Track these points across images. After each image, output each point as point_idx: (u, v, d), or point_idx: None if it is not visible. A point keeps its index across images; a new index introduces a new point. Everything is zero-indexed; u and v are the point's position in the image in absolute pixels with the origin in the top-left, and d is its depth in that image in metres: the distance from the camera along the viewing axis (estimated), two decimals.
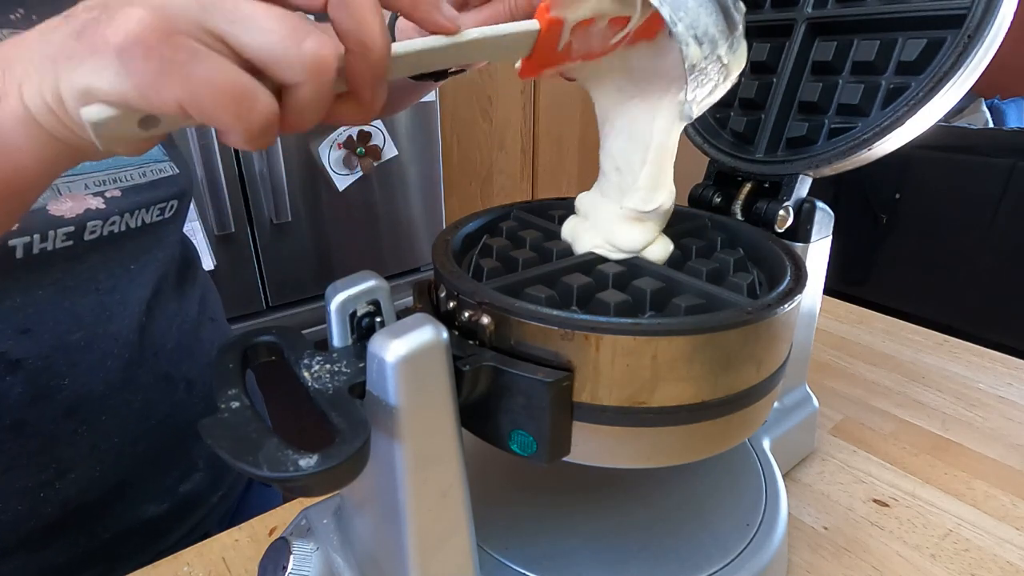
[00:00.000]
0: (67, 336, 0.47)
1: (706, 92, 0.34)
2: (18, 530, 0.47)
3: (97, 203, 0.47)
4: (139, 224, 0.51)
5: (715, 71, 0.34)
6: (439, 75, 0.48)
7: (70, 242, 0.46)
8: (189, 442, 0.57)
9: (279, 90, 0.24)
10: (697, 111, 0.34)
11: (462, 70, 0.49)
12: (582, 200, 0.40)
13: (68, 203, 0.46)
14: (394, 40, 0.27)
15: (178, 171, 0.55)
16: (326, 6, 0.25)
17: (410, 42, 0.28)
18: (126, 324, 0.51)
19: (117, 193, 0.49)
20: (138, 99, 0.22)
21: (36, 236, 0.44)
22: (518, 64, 0.35)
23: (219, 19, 0.22)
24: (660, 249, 0.38)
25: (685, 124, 0.37)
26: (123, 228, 0.49)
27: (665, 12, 0.31)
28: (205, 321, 0.61)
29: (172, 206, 0.54)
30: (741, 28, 0.34)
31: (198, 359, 0.58)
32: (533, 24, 0.32)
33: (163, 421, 0.54)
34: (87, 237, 0.47)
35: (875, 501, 0.51)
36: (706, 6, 0.32)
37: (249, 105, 0.23)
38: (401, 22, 0.48)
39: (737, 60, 0.35)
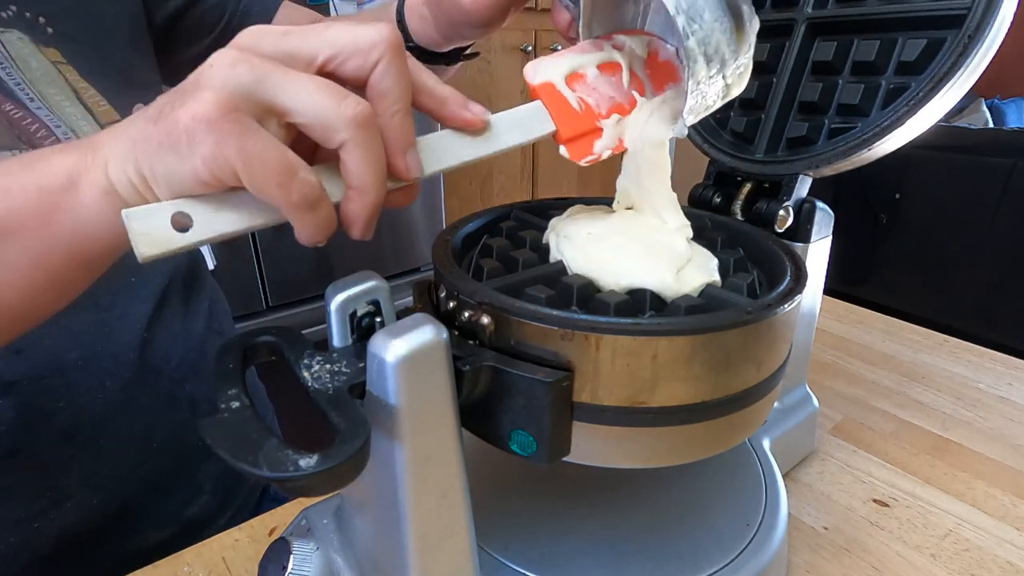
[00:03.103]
0: (63, 356, 0.45)
1: (700, 111, 0.34)
2: (11, 563, 0.45)
3: None
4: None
5: (715, 91, 0.33)
6: (451, 58, 0.47)
7: None
8: (194, 464, 0.55)
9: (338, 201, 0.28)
10: (688, 128, 0.35)
11: (476, 54, 0.49)
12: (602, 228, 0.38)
13: None
14: None
15: None
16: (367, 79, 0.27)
17: (436, 136, 0.31)
18: (126, 342, 0.49)
19: None
20: (204, 172, 0.25)
21: None
22: (565, 152, 0.36)
23: (271, 89, 0.25)
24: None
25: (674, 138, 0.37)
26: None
27: (680, 22, 0.30)
28: (212, 336, 0.58)
29: None
30: (751, 52, 0.33)
31: (203, 377, 0.55)
32: (535, 103, 0.33)
33: (166, 444, 0.51)
34: None
35: (875, 501, 0.51)
36: (722, 21, 0.31)
37: (291, 175, 0.25)
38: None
39: (739, 82, 0.34)
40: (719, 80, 0.33)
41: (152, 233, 0.25)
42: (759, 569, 0.36)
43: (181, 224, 0.26)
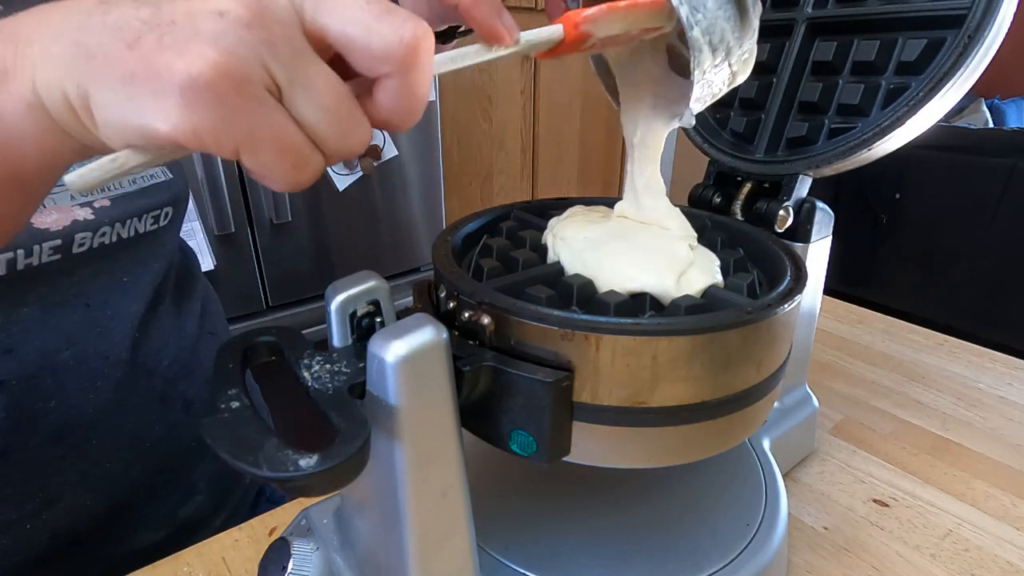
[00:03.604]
0: (54, 355, 0.44)
1: (707, 98, 0.33)
2: (4, 565, 0.44)
3: (85, 214, 0.45)
4: (131, 234, 0.48)
5: (721, 79, 0.33)
6: (446, 36, 0.47)
7: (57, 256, 0.43)
8: (188, 464, 0.54)
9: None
10: (693, 117, 0.34)
11: (470, 30, 0.48)
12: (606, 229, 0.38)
13: (54, 215, 0.43)
14: None
15: (172, 176, 0.52)
16: None
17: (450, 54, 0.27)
18: (118, 341, 0.48)
19: (106, 203, 0.46)
20: (194, 141, 0.21)
21: (20, 251, 0.41)
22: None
23: (309, 8, 0.22)
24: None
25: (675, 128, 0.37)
26: (114, 239, 0.47)
27: (683, 12, 0.30)
28: (204, 336, 0.58)
29: (167, 214, 0.52)
30: (755, 37, 0.33)
31: (196, 377, 0.55)
32: (556, 30, 0.30)
33: (159, 444, 0.51)
34: (75, 250, 0.44)
35: (875, 501, 0.51)
36: (725, 9, 0.30)
37: (304, 163, 0.23)
38: None
39: (744, 68, 0.34)
40: (725, 68, 0.32)
41: (99, 183, 0.23)
42: (759, 569, 0.36)
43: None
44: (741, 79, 0.34)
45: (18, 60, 0.23)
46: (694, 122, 0.34)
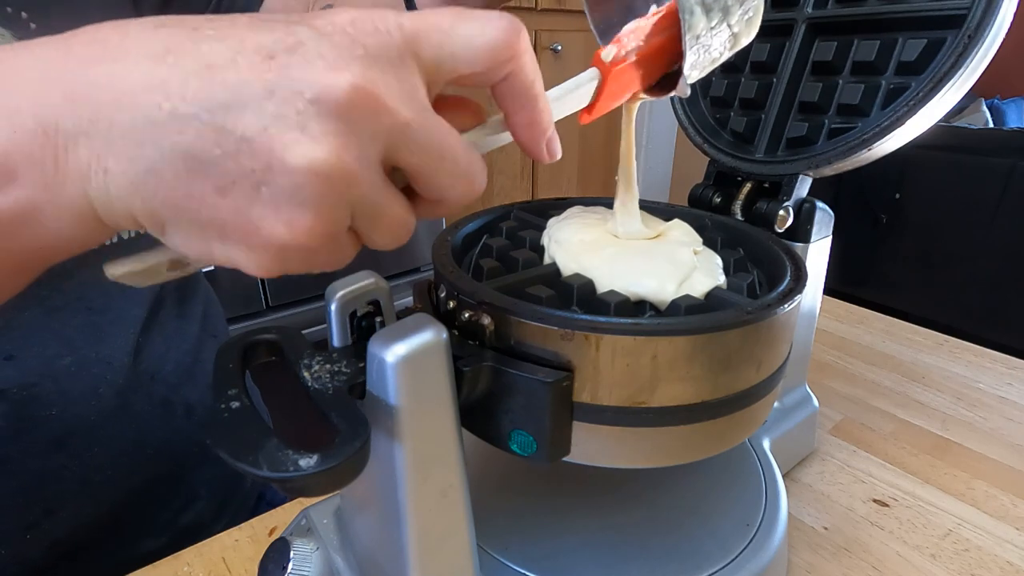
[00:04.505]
0: (55, 361, 0.44)
1: (705, 64, 0.31)
2: (3, 575, 0.44)
3: None
4: (132, 235, 0.47)
5: (720, 42, 0.30)
6: None
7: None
8: (190, 471, 0.53)
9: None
10: (690, 85, 0.32)
11: None
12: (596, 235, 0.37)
13: None
14: None
15: None
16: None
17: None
18: (120, 346, 0.47)
19: None
20: (265, 272, 0.22)
21: None
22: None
23: (401, 144, 0.22)
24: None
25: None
26: (114, 240, 0.46)
27: None
28: (207, 339, 0.57)
29: None
30: None
31: (198, 381, 0.54)
32: (591, 73, 0.29)
33: (160, 450, 0.50)
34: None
35: (875, 501, 0.51)
36: None
37: (341, 263, 0.24)
38: None
39: (748, 29, 0.31)
40: (723, 30, 0.29)
41: (147, 278, 0.24)
42: (759, 569, 0.36)
43: (176, 267, 0.24)
44: (745, 41, 0.31)
45: (69, 162, 0.20)
46: (689, 92, 0.31)
